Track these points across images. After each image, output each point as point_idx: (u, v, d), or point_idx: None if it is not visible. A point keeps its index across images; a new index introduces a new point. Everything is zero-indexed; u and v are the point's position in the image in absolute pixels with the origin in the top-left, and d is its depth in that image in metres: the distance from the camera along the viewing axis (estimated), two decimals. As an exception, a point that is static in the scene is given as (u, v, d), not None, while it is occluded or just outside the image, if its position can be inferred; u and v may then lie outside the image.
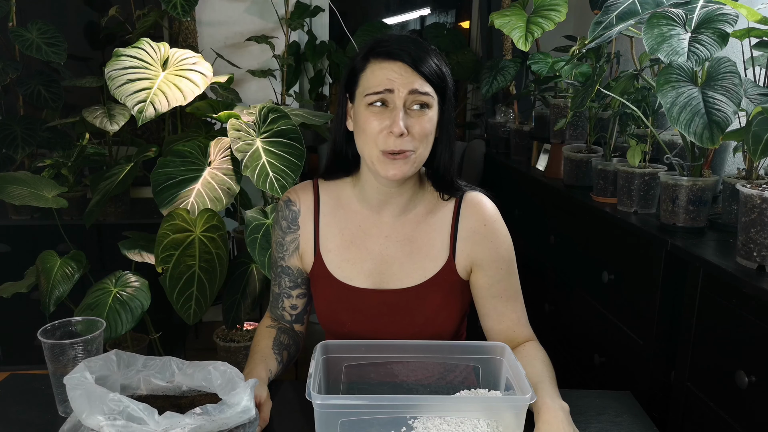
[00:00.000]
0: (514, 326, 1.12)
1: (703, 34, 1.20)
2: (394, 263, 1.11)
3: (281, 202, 1.18)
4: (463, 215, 1.11)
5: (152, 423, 0.75)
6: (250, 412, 0.83)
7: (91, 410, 0.75)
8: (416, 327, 1.10)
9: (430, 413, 0.85)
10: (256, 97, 2.81)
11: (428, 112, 1.02)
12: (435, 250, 1.11)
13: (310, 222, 1.14)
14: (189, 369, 0.90)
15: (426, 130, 1.02)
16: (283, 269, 1.17)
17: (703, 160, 1.38)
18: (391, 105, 1.01)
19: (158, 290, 1.84)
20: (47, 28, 2.33)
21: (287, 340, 1.14)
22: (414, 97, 1.00)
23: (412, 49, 1.02)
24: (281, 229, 1.16)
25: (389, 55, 1.02)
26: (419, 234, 1.12)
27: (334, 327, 1.14)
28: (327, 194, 1.15)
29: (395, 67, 1.01)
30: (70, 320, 0.98)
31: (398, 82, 1.00)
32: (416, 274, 1.11)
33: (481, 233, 1.11)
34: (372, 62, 1.03)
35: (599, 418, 0.98)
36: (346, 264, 1.12)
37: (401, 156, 1.01)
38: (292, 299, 1.18)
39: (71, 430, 0.80)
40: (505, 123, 2.70)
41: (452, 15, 3.60)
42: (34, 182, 1.96)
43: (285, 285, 1.18)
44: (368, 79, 1.03)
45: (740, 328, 1.14)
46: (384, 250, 1.12)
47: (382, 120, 1.01)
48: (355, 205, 1.14)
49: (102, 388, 0.79)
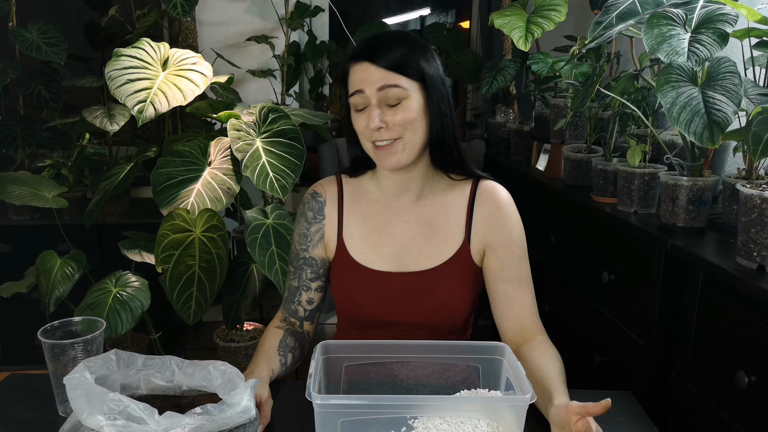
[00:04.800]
0: (525, 314, 1.14)
1: (703, 34, 1.20)
2: (413, 247, 1.16)
3: (307, 195, 1.23)
4: (478, 200, 1.17)
5: (152, 423, 0.75)
6: (250, 412, 0.83)
7: (91, 410, 0.75)
8: (430, 309, 1.14)
9: (430, 413, 0.85)
10: (256, 97, 2.81)
11: (405, 102, 1.07)
12: (451, 234, 1.16)
13: (335, 212, 1.20)
14: (189, 368, 0.90)
15: (406, 119, 1.07)
16: (306, 260, 1.21)
17: (703, 160, 1.38)
18: (368, 103, 1.08)
19: (158, 290, 1.84)
20: (47, 28, 2.33)
21: (293, 343, 1.15)
22: (386, 92, 1.06)
23: (379, 47, 1.07)
24: (306, 220, 1.21)
25: (355, 58, 1.09)
26: (437, 217, 1.17)
27: (351, 310, 1.19)
28: (349, 186, 1.22)
29: (363, 66, 1.08)
30: (70, 320, 0.98)
31: (367, 81, 1.07)
32: (434, 257, 1.16)
33: (495, 216, 1.16)
34: (350, 65, 1.11)
35: (599, 418, 0.97)
36: (368, 249, 1.18)
37: (388, 146, 1.08)
38: (311, 292, 1.21)
39: (71, 430, 0.80)
40: (505, 123, 2.70)
41: (452, 15, 3.60)
42: (34, 182, 1.96)
43: (306, 277, 1.21)
44: (349, 82, 1.11)
45: (740, 328, 1.14)
46: (404, 234, 1.17)
47: (364, 118, 1.09)
48: (375, 194, 1.20)
49: (102, 387, 0.79)
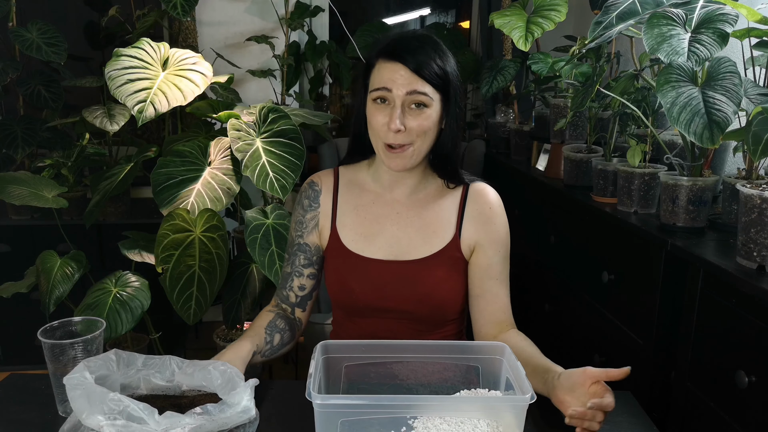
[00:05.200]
0: (504, 309, 1.19)
1: (703, 34, 1.20)
2: (403, 238, 1.19)
3: (305, 184, 1.27)
4: (470, 200, 1.21)
5: (152, 423, 0.75)
6: (250, 412, 0.83)
7: (91, 410, 0.75)
8: (418, 296, 1.17)
9: (430, 413, 0.85)
10: (256, 97, 2.81)
11: (426, 111, 1.10)
12: (442, 228, 1.19)
13: (329, 200, 1.23)
14: (189, 368, 0.90)
15: (423, 127, 1.10)
16: (300, 247, 1.23)
17: (703, 160, 1.38)
18: (391, 103, 1.10)
19: (158, 290, 1.83)
20: (47, 28, 2.33)
21: (283, 325, 1.17)
22: (412, 97, 1.09)
23: (415, 52, 1.08)
24: (302, 207, 1.25)
25: (391, 56, 1.10)
26: (428, 213, 1.21)
27: (343, 296, 1.21)
28: (345, 176, 1.25)
29: (396, 67, 1.09)
30: (70, 320, 0.98)
31: (398, 83, 1.08)
32: (424, 248, 1.19)
33: (486, 215, 1.20)
34: (379, 60, 1.12)
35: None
36: (360, 238, 1.21)
37: (400, 150, 1.11)
38: (303, 278, 1.24)
39: (71, 430, 0.80)
40: (505, 123, 2.69)
41: (452, 15, 3.60)
42: (34, 182, 1.96)
43: (299, 263, 1.23)
44: (374, 75, 1.12)
45: (740, 328, 1.14)
46: (396, 225, 1.20)
47: (384, 115, 1.10)
48: (370, 185, 1.23)
49: (102, 387, 0.79)
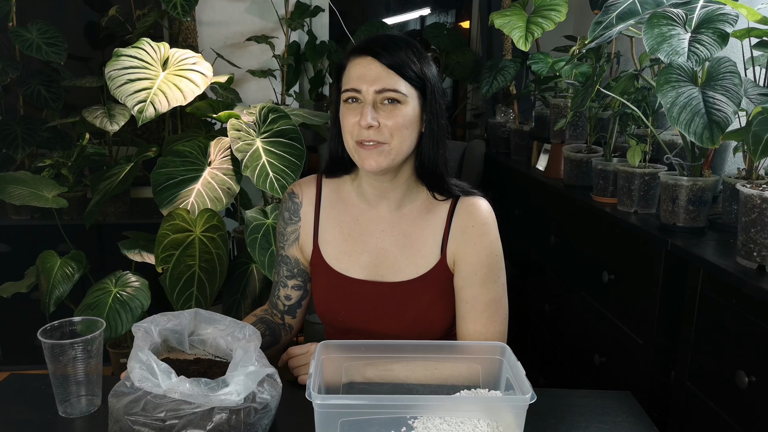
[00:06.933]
0: (476, 336, 1.10)
1: (703, 34, 1.20)
2: (388, 256, 1.13)
3: (285, 194, 1.22)
4: (456, 215, 1.12)
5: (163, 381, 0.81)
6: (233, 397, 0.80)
7: (134, 354, 0.84)
8: (407, 321, 1.11)
9: (430, 413, 0.85)
10: (256, 97, 2.81)
11: (401, 108, 1.05)
12: (427, 248, 1.13)
13: (311, 214, 1.18)
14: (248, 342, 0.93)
15: (398, 124, 1.04)
16: (283, 258, 1.21)
17: (703, 160, 1.38)
18: (363, 100, 1.05)
19: (158, 290, 1.83)
20: (47, 28, 2.33)
21: (263, 329, 1.16)
22: (384, 93, 1.04)
23: (387, 46, 1.05)
24: (283, 219, 1.21)
25: (361, 52, 1.07)
26: (414, 230, 1.14)
27: (330, 317, 1.17)
28: (328, 188, 1.19)
29: (366, 61, 1.06)
30: (70, 320, 0.98)
31: (368, 77, 1.04)
32: (409, 269, 1.13)
33: (468, 234, 1.11)
34: (351, 59, 1.08)
35: (599, 418, 0.98)
36: (343, 256, 1.15)
37: (374, 147, 1.04)
38: (287, 289, 1.21)
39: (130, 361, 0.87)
40: (505, 123, 2.69)
41: (452, 15, 3.60)
42: (34, 182, 1.96)
43: (282, 274, 1.21)
44: (345, 76, 1.08)
45: (740, 328, 1.14)
46: (379, 243, 1.14)
47: (355, 114, 1.05)
48: (354, 199, 1.17)
49: (153, 339, 0.90)
